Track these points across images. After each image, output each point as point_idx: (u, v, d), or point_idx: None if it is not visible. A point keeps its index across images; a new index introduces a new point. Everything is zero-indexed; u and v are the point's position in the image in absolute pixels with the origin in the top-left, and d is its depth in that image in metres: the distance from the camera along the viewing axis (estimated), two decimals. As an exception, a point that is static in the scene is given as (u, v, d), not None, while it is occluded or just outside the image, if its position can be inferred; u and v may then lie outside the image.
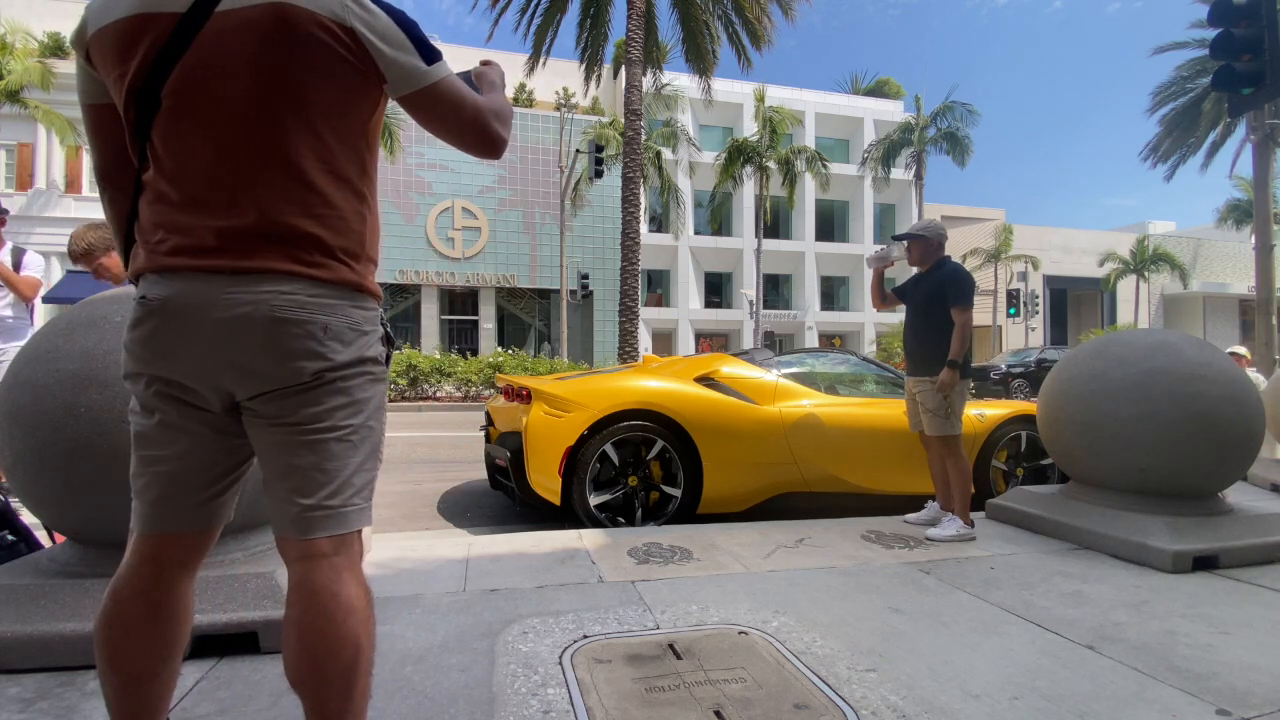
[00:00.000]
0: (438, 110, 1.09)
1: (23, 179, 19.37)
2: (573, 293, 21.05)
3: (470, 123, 1.11)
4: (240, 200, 0.99)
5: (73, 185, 19.75)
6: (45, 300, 18.94)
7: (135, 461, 1.06)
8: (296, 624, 1.00)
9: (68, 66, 18.55)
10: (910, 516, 3.47)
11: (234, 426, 1.07)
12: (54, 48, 19.96)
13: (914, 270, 3.52)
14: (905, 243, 3.47)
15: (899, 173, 25.67)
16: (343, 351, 1.04)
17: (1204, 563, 2.71)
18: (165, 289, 0.98)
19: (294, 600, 1.01)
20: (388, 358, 1.15)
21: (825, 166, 22.63)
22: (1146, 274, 27.52)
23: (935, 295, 3.29)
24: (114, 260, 2.61)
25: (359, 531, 1.07)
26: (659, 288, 29.31)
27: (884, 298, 3.72)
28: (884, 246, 3.65)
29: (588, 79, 17.21)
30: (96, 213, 19.54)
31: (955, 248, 26.64)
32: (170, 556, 1.06)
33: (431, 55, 1.06)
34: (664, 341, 28.24)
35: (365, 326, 1.08)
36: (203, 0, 0.97)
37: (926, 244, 3.41)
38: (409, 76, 1.05)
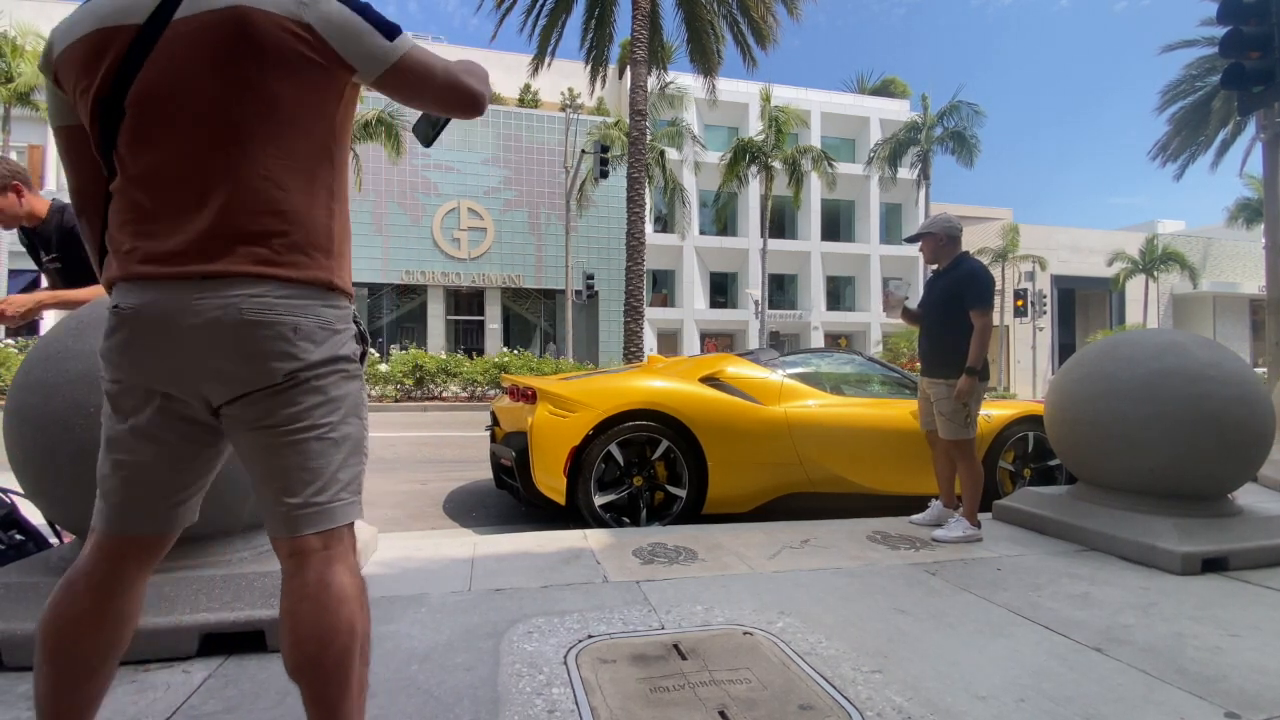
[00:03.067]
0: (411, 82, 1.09)
1: (33, 181, 19.54)
2: (578, 293, 21.07)
3: (446, 87, 1.11)
4: (205, 205, 0.99)
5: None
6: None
7: (105, 464, 1.09)
8: (290, 615, 1.02)
9: (77, 69, 18.70)
10: (916, 517, 3.44)
11: (208, 435, 1.08)
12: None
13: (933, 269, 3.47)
14: (904, 286, 3.43)
15: (905, 172, 25.58)
16: (314, 351, 1.04)
17: (1213, 564, 2.69)
18: (137, 298, 1.00)
19: (286, 593, 1.03)
20: (362, 355, 1.15)
21: (831, 166, 22.58)
22: (1156, 274, 27.32)
23: (952, 295, 3.20)
24: (8, 200, 2.44)
25: (350, 525, 1.09)
26: (664, 288, 29.32)
27: (916, 318, 3.46)
28: (889, 291, 3.53)
29: (593, 79, 17.22)
30: (106, 214, 19.71)
31: (965, 248, 26.51)
32: (130, 558, 1.08)
33: (391, 31, 1.05)
34: (669, 341, 28.24)
35: (337, 325, 1.08)
36: (161, 10, 0.99)
37: (936, 240, 3.33)
38: (374, 58, 1.05)
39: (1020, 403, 4.37)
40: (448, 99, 1.13)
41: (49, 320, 3.30)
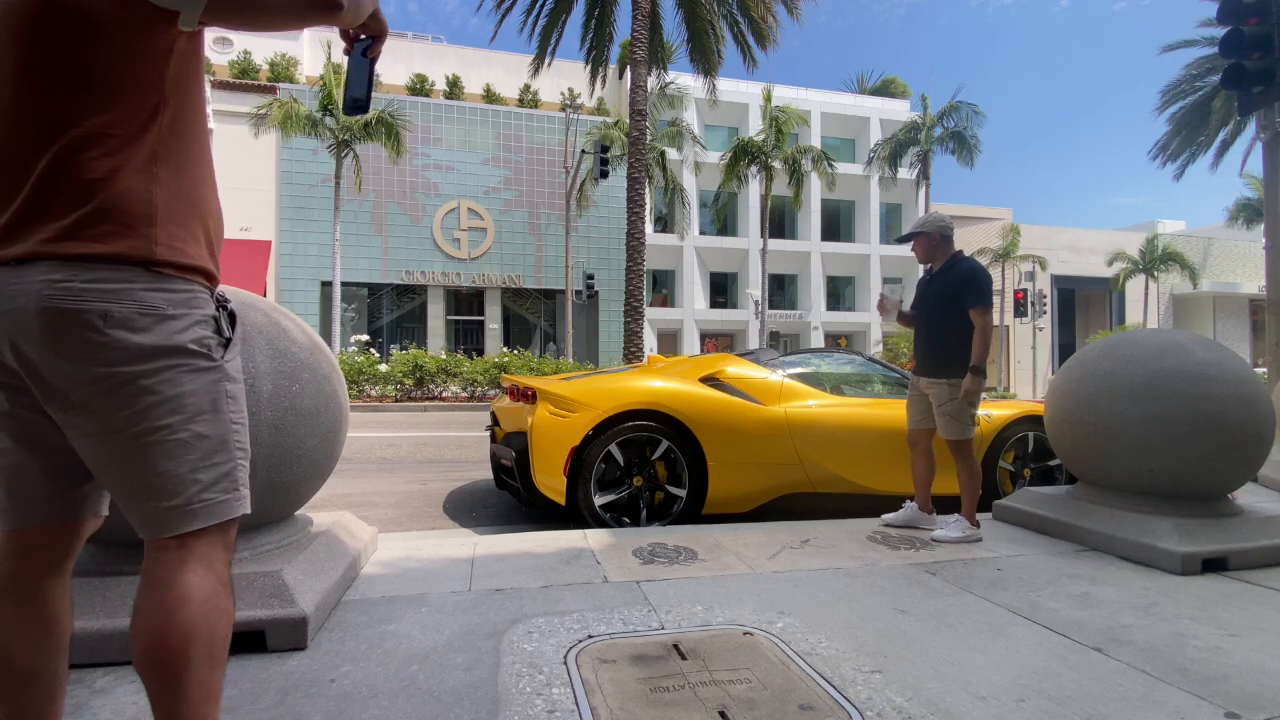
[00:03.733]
0: (241, 4, 0.98)
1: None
2: (578, 293, 21.07)
3: (254, 11, 0.99)
4: (9, 185, 0.91)
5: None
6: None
7: None
8: (133, 613, 0.97)
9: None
10: (889, 517, 3.39)
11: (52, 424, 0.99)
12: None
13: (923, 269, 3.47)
14: (898, 290, 3.41)
15: (905, 172, 25.57)
16: (135, 341, 0.91)
17: (1213, 564, 2.69)
18: None
19: (138, 590, 0.98)
20: (227, 343, 1.03)
21: (831, 166, 22.58)
22: (1156, 274, 27.30)
23: (950, 296, 3.19)
24: None
25: (220, 524, 1.01)
26: (664, 288, 29.31)
27: (911, 321, 3.46)
28: (884, 296, 3.47)
29: (593, 80, 17.22)
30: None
31: (962, 247, 26.45)
32: (34, 553, 1.03)
33: None
34: (669, 342, 28.23)
35: (168, 310, 0.94)
36: None
37: (929, 240, 3.32)
38: None
39: (1020, 403, 4.37)
40: (291, 11, 0.99)
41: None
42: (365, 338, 17.43)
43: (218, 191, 1.09)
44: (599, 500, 3.50)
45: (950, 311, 3.19)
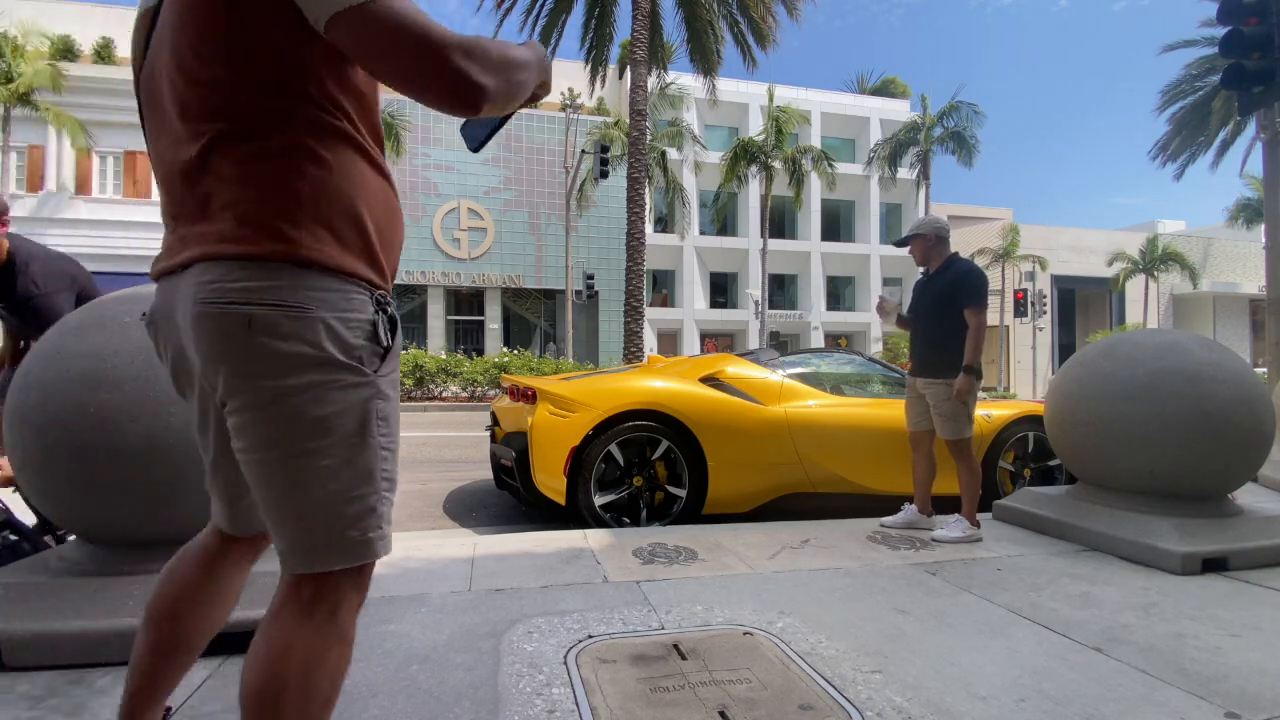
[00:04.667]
0: (363, 44, 0.83)
1: (33, 181, 19.55)
2: (578, 293, 21.06)
3: (396, 60, 0.82)
4: (178, 189, 0.90)
5: (83, 187, 19.90)
6: (55, 301, 19.02)
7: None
8: (252, 643, 0.92)
9: (79, 69, 18.71)
10: (888, 520, 3.38)
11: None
12: (64, 50, 20.12)
13: (921, 271, 3.48)
14: (896, 293, 3.41)
15: (905, 172, 25.57)
16: (279, 349, 0.83)
17: (1213, 564, 2.69)
18: (153, 300, 0.97)
19: (261, 624, 0.93)
20: (385, 353, 0.91)
21: (831, 166, 22.57)
22: (1156, 274, 27.30)
23: (947, 297, 3.20)
24: None
25: (338, 574, 0.90)
26: (664, 288, 29.31)
27: (909, 323, 3.47)
28: (883, 299, 3.48)
29: (593, 80, 17.21)
30: (106, 214, 19.70)
31: (962, 247, 26.34)
32: (236, 549, 1.11)
33: None
34: (669, 342, 28.23)
35: (315, 312, 0.85)
36: None
37: (925, 242, 3.34)
38: (318, 3, 0.81)
39: (1020, 403, 4.37)
40: (412, 72, 0.83)
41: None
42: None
43: (391, 191, 1.00)
44: (599, 500, 3.50)
45: (947, 312, 3.20)
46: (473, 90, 0.84)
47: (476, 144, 1.09)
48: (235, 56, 0.84)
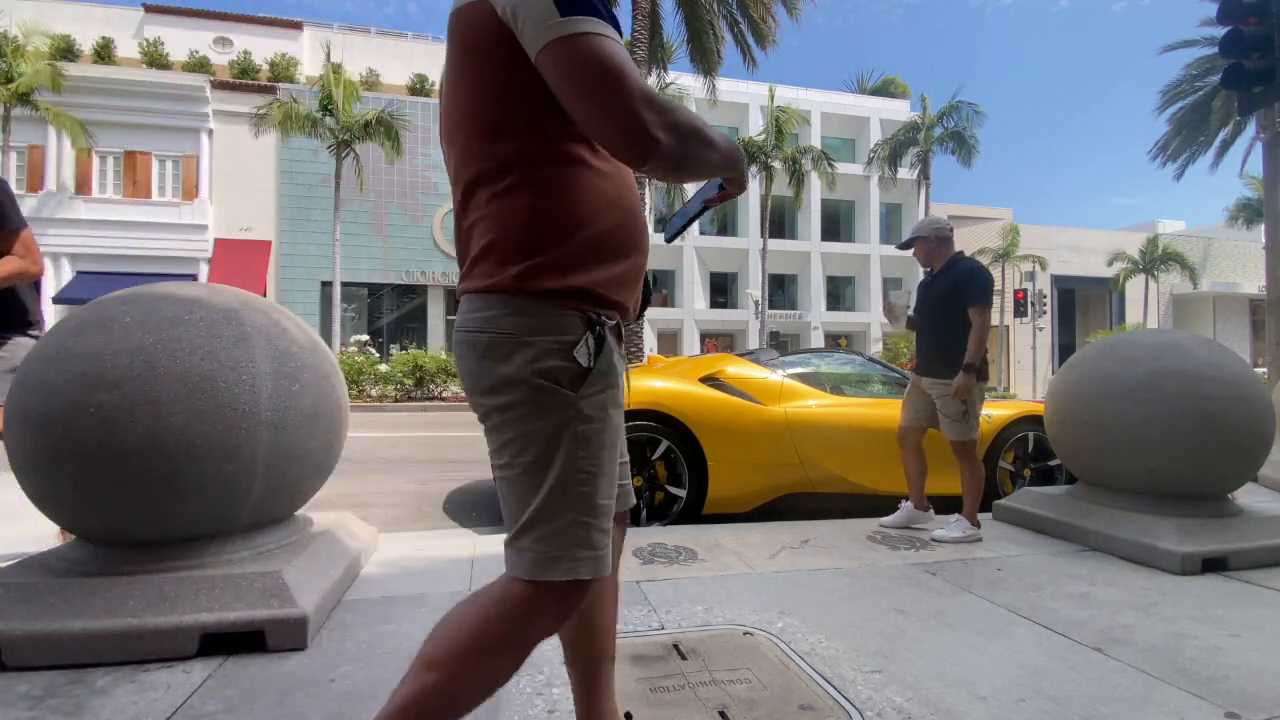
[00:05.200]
0: (562, 74, 0.86)
1: (34, 181, 19.55)
2: (578, 293, 21.05)
3: (595, 102, 0.85)
4: (457, 227, 1.04)
5: (83, 187, 19.90)
6: (55, 301, 18.99)
7: None
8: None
9: (79, 69, 18.71)
10: (886, 520, 3.37)
11: None
12: (64, 50, 20.12)
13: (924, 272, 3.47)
14: (904, 295, 3.40)
15: (905, 172, 25.56)
16: (498, 371, 0.93)
17: (1213, 564, 2.69)
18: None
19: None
20: (585, 374, 0.94)
21: (831, 166, 22.56)
22: (1156, 274, 27.29)
23: (951, 296, 3.20)
24: None
25: (544, 583, 0.93)
26: (664, 288, 29.30)
27: (915, 324, 3.46)
28: (891, 302, 3.50)
29: (593, 80, 17.17)
30: (106, 214, 19.70)
31: (962, 247, 26.36)
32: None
33: (569, 7, 0.85)
34: (669, 342, 28.23)
35: (523, 336, 0.92)
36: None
37: (928, 243, 3.33)
38: (535, 29, 0.86)
39: (1020, 403, 4.37)
40: (598, 116, 0.86)
41: (48, 321, 3.29)
42: (365, 338, 17.43)
43: (623, 185, 1.03)
44: (599, 500, 3.50)
45: (952, 312, 3.19)
46: (646, 141, 0.85)
47: (672, 235, 1.16)
48: (484, 101, 0.94)
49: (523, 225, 0.93)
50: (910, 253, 3.43)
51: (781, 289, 30.63)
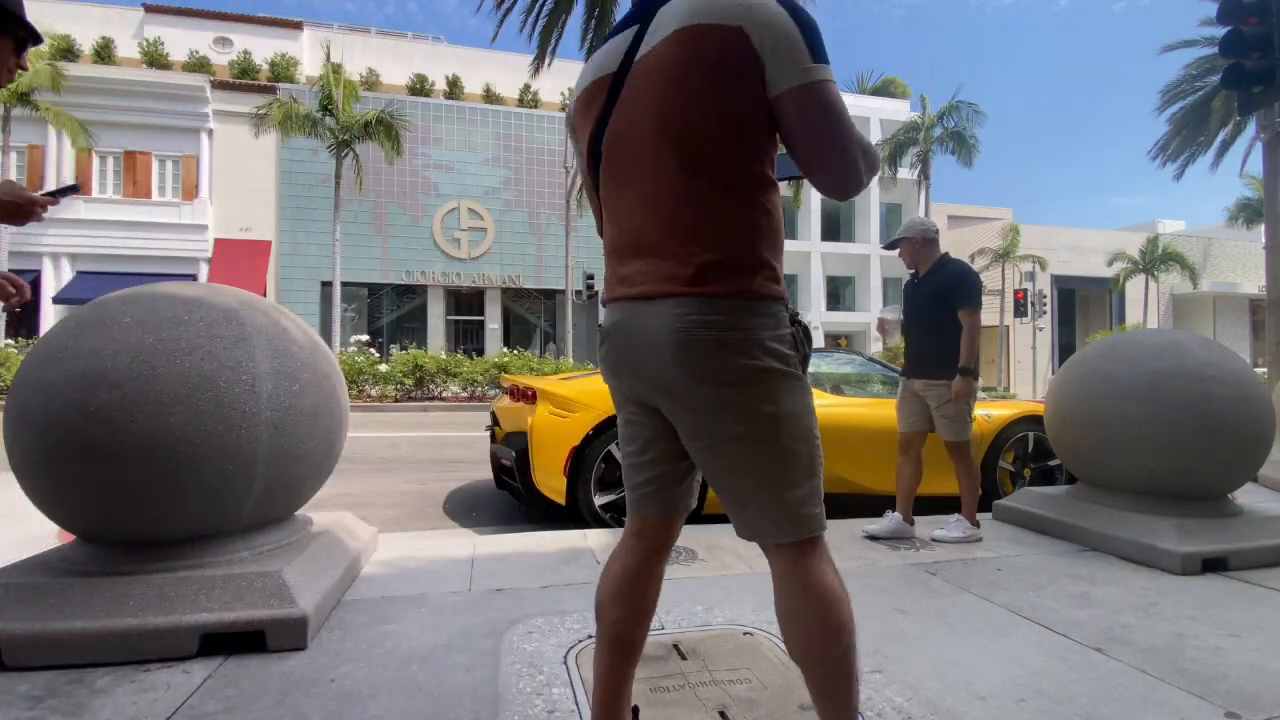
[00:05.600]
0: (804, 118, 1.00)
1: (33, 181, 19.53)
2: (578, 293, 21.06)
3: (828, 145, 1.01)
4: (648, 231, 1.06)
5: (83, 187, 19.90)
6: (56, 301, 18.98)
7: (623, 456, 1.24)
8: (786, 613, 1.08)
9: (79, 69, 18.70)
10: (871, 528, 3.25)
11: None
12: (64, 50, 20.12)
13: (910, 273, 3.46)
14: (895, 309, 3.40)
15: (905, 172, 25.56)
16: (743, 364, 1.06)
17: (1213, 564, 2.69)
18: (610, 317, 1.14)
19: (781, 591, 1.09)
20: (804, 360, 1.12)
21: (831, 166, 22.52)
22: (1156, 274, 27.28)
23: (940, 298, 3.19)
24: None
25: (817, 537, 1.10)
26: (664, 288, 29.27)
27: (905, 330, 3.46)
28: (883, 320, 3.50)
29: (593, 79, 17.18)
30: (106, 214, 19.69)
31: (962, 247, 26.51)
32: (660, 534, 1.22)
33: (819, 55, 0.99)
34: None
35: (763, 334, 1.06)
36: (627, 56, 1.09)
37: (913, 244, 3.31)
38: (789, 71, 0.98)
39: (1020, 403, 4.37)
40: (829, 157, 1.02)
41: (48, 320, 3.29)
42: (365, 338, 17.41)
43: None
44: (599, 500, 3.50)
45: (942, 313, 3.18)
46: (856, 186, 1.06)
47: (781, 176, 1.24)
48: (709, 121, 1.01)
49: (757, 240, 1.05)
50: (896, 253, 3.42)
51: (781, 289, 30.60)
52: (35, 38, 1.43)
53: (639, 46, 1.08)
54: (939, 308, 3.20)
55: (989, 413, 4.07)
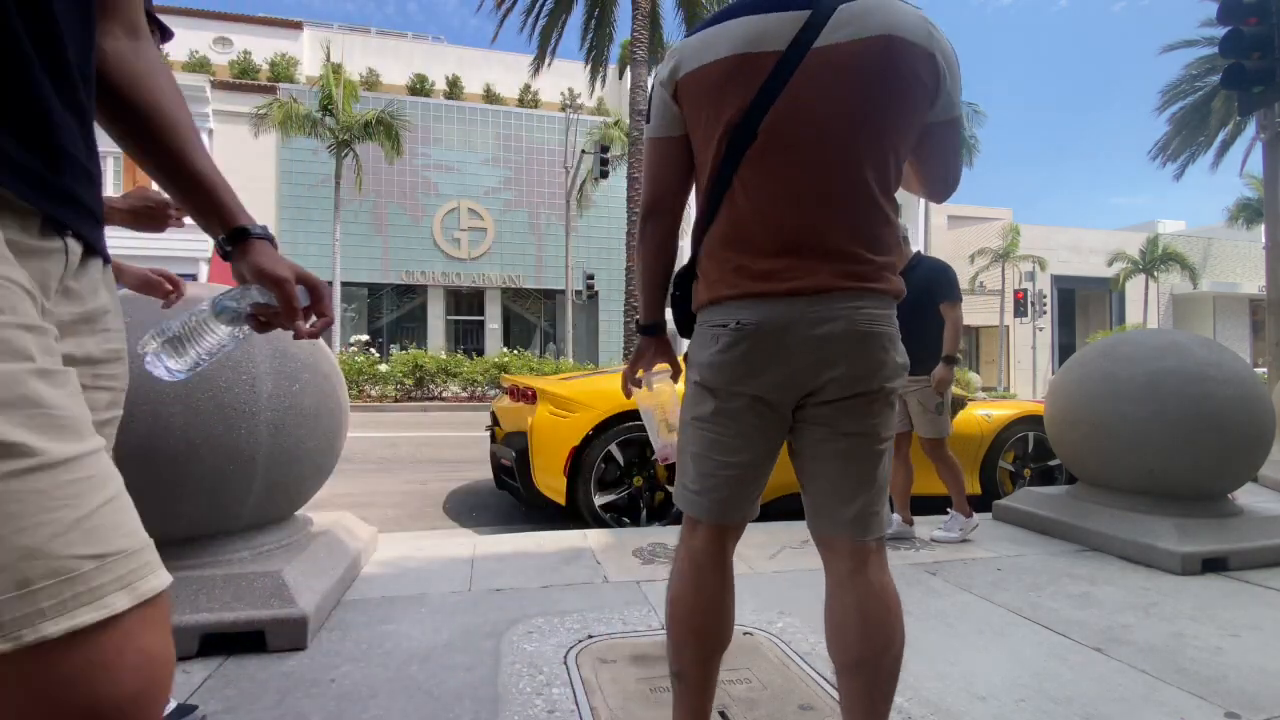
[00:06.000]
0: (949, 141, 1.15)
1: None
2: (578, 293, 21.06)
3: (956, 160, 1.20)
4: (818, 224, 1.06)
5: (83, 187, 19.87)
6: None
7: (707, 463, 1.17)
8: (848, 611, 1.16)
9: (78, 69, 18.66)
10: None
11: (783, 434, 1.18)
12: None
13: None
14: None
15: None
16: (896, 360, 1.13)
17: (1213, 564, 2.69)
18: (755, 313, 1.07)
19: (850, 588, 1.17)
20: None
21: (831, 166, 22.51)
22: (1156, 274, 27.28)
23: (920, 294, 3.17)
24: None
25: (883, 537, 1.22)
26: (664, 288, 29.26)
27: None
28: None
29: (593, 80, 17.22)
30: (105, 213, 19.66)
31: (962, 247, 26.52)
32: (728, 539, 1.25)
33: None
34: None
35: (898, 333, 1.14)
36: (800, 39, 1.02)
37: None
38: (952, 103, 1.11)
39: (1020, 403, 4.37)
40: (945, 170, 1.20)
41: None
42: (365, 337, 17.42)
43: None
44: (599, 500, 3.50)
45: (921, 311, 3.17)
46: (951, 194, 1.25)
47: None
48: (899, 132, 1.07)
49: (896, 247, 1.15)
50: None
51: (781, 289, 30.59)
52: None
53: (810, 35, 1.02)
54: (919, 305, 3.19)
55: (989, 413, 4.07)
